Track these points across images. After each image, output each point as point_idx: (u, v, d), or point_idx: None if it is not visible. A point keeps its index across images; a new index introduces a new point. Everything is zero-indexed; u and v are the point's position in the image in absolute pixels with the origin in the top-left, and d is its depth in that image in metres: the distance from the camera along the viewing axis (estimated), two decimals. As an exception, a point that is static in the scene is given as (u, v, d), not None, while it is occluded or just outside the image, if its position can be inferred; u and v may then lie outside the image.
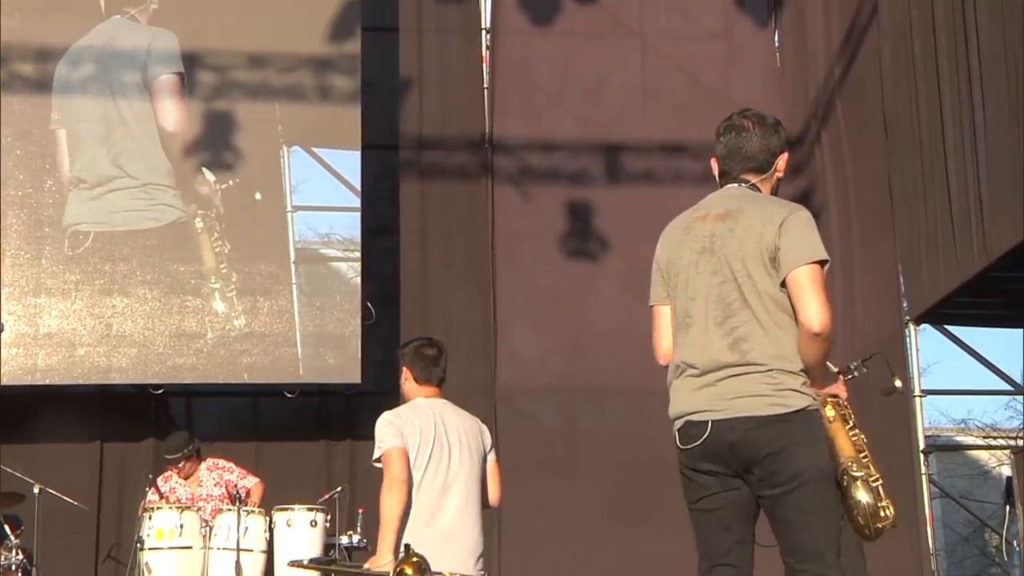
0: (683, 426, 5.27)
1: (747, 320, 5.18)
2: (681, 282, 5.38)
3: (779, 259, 5.15)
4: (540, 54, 14.73)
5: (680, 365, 5.34)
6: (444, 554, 6.86)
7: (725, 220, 5.35)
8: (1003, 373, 13.92)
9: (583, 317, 13.71)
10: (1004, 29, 10.79)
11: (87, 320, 12.78)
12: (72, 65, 13.06)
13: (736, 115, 5.73)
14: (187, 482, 11.27)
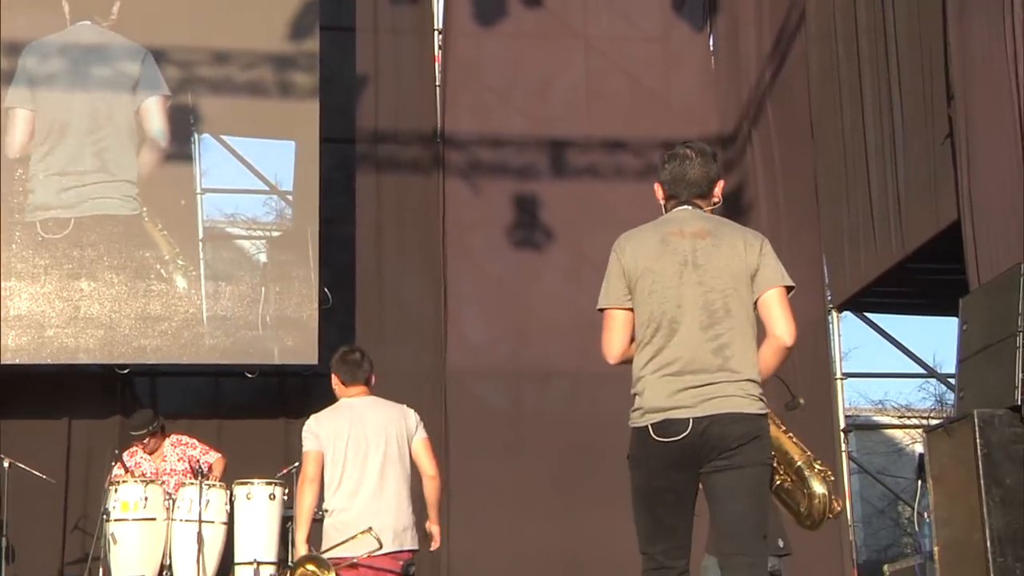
0: (661, 421, 5.35)
1: (729, 328, 5.40)
2: (661, 289, 5.49)
3: (758, 278, 5.49)
4: (489, 54, 14.77)
5: (661, 364, 5.42)
6: (379, 529, 7.47)
7: (707, 237, 5.56)
8: (917, 358, 14.02)
9: (529, 304, 13.75)
10: (920, 37, 10.88)
11: (55, 303, 12.72)
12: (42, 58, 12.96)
13: (680, 145, 5.98)
14: (152, 457, 11.15)
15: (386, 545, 7.53)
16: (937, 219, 10.56)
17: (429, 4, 14.86)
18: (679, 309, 5.45)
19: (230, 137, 13.34)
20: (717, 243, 5.55)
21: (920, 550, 10.80)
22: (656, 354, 5.46)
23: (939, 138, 10.50)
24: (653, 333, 5.46)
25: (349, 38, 14.40)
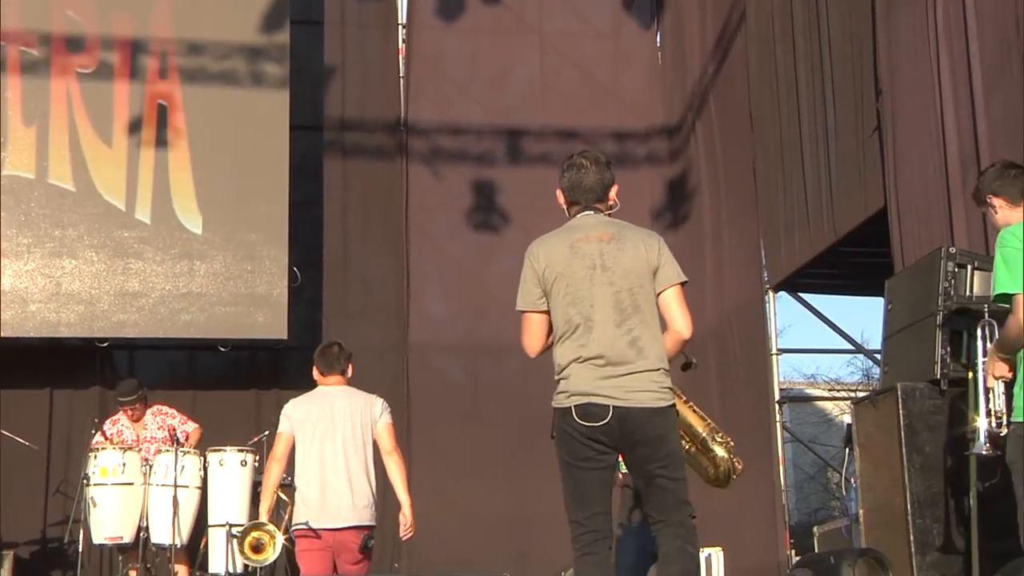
0: (585, 404, 5.68)
1: (639, 323, 5.75)
2: (574, 292, 5.79)
3: (658, 275, 5.84)
4: (450, 48, 14.77)
5: (582, 356, 5.74)
6: (328, 508, 7.95)
7: (611, 241, 5.88)
8: (846, 335, 14.13)
9: (486, 283, 13.76)
10: (851, 37, 10.94)
11: (38, 279, 12.70)
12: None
13: (576, 155, 6.28)
14: (134, 425, 11.11)
15: (346, 520, 7.95)
16: (866, 206, 10.65)
17: (393, 0, 14.85)
18: (592, 308, 5.77)
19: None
20: (621, 246, 5.87)
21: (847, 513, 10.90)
22: (579, 348, 5.77)
23: (868, 131, 10.59)
24: (572, 330, 5.78)
25: (317, 31, 14.37)
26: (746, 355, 12.84)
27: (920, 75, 9.59)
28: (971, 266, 7.29)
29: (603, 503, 5.89)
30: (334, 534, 7.99)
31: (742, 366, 12.97)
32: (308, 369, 12.98)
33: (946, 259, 7.31)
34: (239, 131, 13.14)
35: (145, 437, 10.97)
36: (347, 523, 7.99)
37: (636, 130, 14.78)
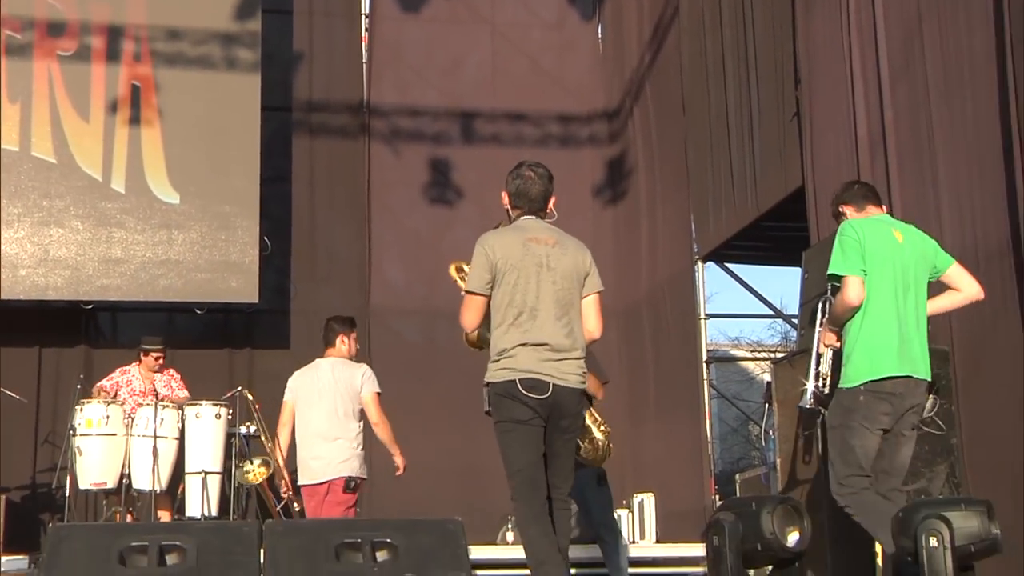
0: (527, 379, 6.08)
1: (574, 318, 6.25)
2: (523, 284, 6.16)
3: (587, 282, 6.32)
4: (409, 36, 14.71)
5: (528, 340, 6.12)
6: (313, 468, 8.70)
7: (556, 246, 6.29)
8: (767, 301, 14.30)
9: (442, 252, 13.68)
10: (773, 31, 11.01)
11: (28, 246, 12.63)
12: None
13: (525, 166, 6.55)
14: (144, 375, 11.14)
15: (327, 475, 8.60)
16: (785, 184, 10.74)
17: (357, -12, 14.86)
18: (538, 300, 6.16)
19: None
20: (564, 251, 6.30)
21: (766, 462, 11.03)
22: (523, 334, 6.13)
23: (787, 116, 10.68)
24: (517, 316, 6.14)
25: (287, 19, 14.30)
26: (677, 319, 12.94)
27: (834, 66, 9.70)
28: None
29: (538, 457, 6.22)
30: (319, 488, 8.64)
31: (673, 329, 13.08)
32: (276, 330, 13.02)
33: None
34: (214, 111, 13.06)
35: (151, 390, 10.94)
36: (328, 477, 8.60)
37: (579, 114, 14.81)
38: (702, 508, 11.47)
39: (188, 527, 7.72)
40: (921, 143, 8.56)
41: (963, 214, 8.06)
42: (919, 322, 6.44)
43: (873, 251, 6.37)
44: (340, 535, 5.80)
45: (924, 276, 6.50)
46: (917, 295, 6.44)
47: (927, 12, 8.52)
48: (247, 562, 5.55)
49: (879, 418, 6.29)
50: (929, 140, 8.45)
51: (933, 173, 8.40)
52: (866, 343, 6.36)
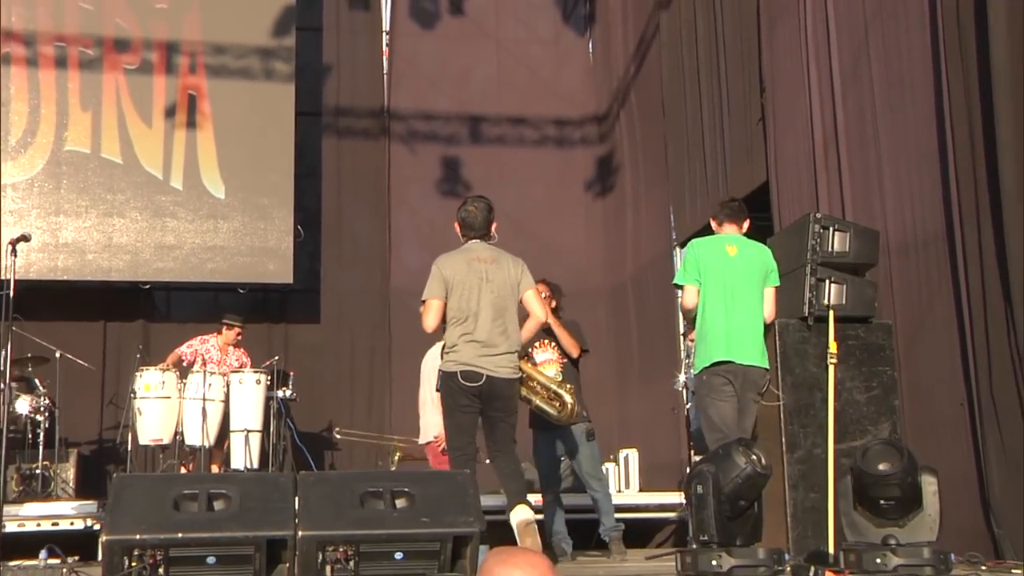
0: (466, 370, 6.85)
1: (508, 320, 6.98)
2: (467, 294, 6.92)
3: (520, 286, 7.07)
4: (424, 50, 14.69)
5: (470, 339, 6.89)
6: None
7: (492, 263, 7.04)
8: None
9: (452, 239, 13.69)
10: (741, 46, 10.96)
11: (94, 234, 12.69)
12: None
13: (469, 201, 7.36)
14: (223, 347, 11.22)
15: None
16: (752, 180, 10.71)
17: (379, 10, 14.74)
18: (479, 306, 6.91)
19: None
20: (498, 267, 7.03)
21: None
22: (467, 332, 6.90)
23: (754, 120, 10.65)
24: (463, 320, 6.91)
25: (318, 36, 14.30)
26: (658, 297, 12.94)
27: (793, 77, 9.69)
28: (832, 228, 7.31)
29: (472, 435, 7.00)
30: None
31: (655, 306, 13.09)
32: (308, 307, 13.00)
33: (813, 222, 7.33)
34: (255, 116, 13.09)
35: (225, 362, 11.08)
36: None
37: (572, 118, 14.79)
38: (679, 460, 11.48)
39: (233, 477, 7.77)
40: (868, 143, 8.59)
41: (904, 204, 8.09)
42: (750, 319, 7.06)
43: (707, 265, 7.16)
44: (364, 485, 5.77)
45: (756, 282, 7.14)
46: (749, 297, 7.10)
47: (872, 30, 8.54)
48: (284, 508, 5.56)
49: (722, 389, 6.98)
50: (875, 140, 8.47)
51: (878, 169, 8.42)
52: (702, 337, 7.12)
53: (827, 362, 7.00)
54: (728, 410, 6.98)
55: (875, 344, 7.15)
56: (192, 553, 5.35)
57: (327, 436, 12.89)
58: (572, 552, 8.55)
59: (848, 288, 7.21)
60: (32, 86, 12.83)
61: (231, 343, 11.26)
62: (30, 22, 12.92)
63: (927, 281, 7.72)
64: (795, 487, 6.79)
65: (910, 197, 8.02)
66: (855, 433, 6.71)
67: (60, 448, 11.23)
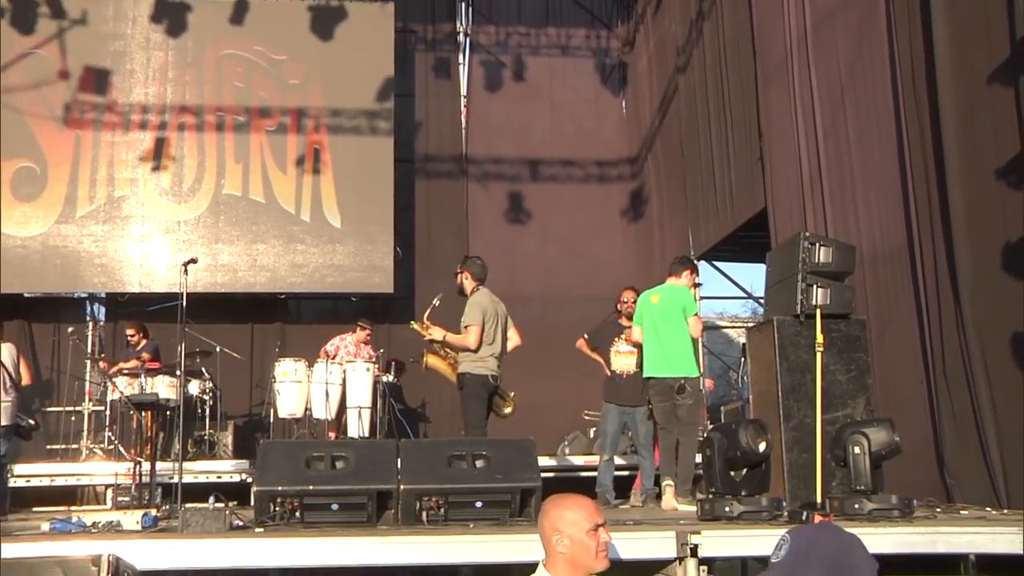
0: (493, 374, 7.82)
1: (505, 340, 8.01)
2: (493, 324, 7.84)
3: (508, 319, 8.06)
4: (493, 109, 14.72)
5: (493, 353, 7.81)
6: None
7: (499, 303, 8.05)
8: (742, 287, 14.25)
9: (516, 255, 13.76)
10: (743, 100, 10.93)
11: (243, 257, 12.86)
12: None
13: (471, 261, 8.20)
14: (357, 344, 11.29)
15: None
16: (753, 206, 10.70)
17: (457, 79, 14.79)
18: (497, 332, 7.87)
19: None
20: (500, 305, 8.01)
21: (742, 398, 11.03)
22: (491, 348, 7.81)
23: (754, 159, 10.63)
24: (491, 340, 7.81)
25: (411, 100, 14.37)
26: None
27: (785, 125, 9.64)
28: (819, 244, 7.18)
29: (487, 417, 7.81)
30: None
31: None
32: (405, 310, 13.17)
33: (803, 239, 7.19)
34: (363, 163, 13.17)
35: (358, 355, 11.13)
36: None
37: (610, 159, 14.76)
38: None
39: (349, 444, 7.91)
40: (845, 176, 8.54)
41: (873, 225, 8.05)
42: (666, 345, 7.80)
43: (641, 311, 8.10)
44: (450, 449, 5.82)
45: (673, 317, 7.82)
46: (668, 330, 7.82)
47: (846, 89, 8.49)
48: (389, 467, 5.62)
49: (655, 396, 7.90)
50: (850, 174, 8.42)
51: (853, 196, 8.38)
52: (643, 360, 8.00)
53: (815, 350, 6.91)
54: (661, 409, 7.87)
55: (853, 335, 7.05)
56: (320, 501, 5.44)
57: (421, 411, 12.97)
58: (614, 502, 8.56)
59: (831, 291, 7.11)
60: (199, 145, 13.08)
61: (362, 341, 11.33)
62: (199, 98, 13.19)
63: (893, 285, 7.68)
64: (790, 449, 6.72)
65: (879, 219, 7.97)
66: (837, 406, 6.62)
67: (221, 420, 11.45)
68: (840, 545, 2.59)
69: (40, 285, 12.77)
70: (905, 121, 7.46)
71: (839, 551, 2.56)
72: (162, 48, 13.23)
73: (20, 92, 12.74)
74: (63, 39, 12.96)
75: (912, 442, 6.35)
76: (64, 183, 12.75)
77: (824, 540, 2.59)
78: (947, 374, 6.89)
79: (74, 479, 10.37)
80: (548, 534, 3.37)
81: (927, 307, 7.17)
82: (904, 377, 7.43)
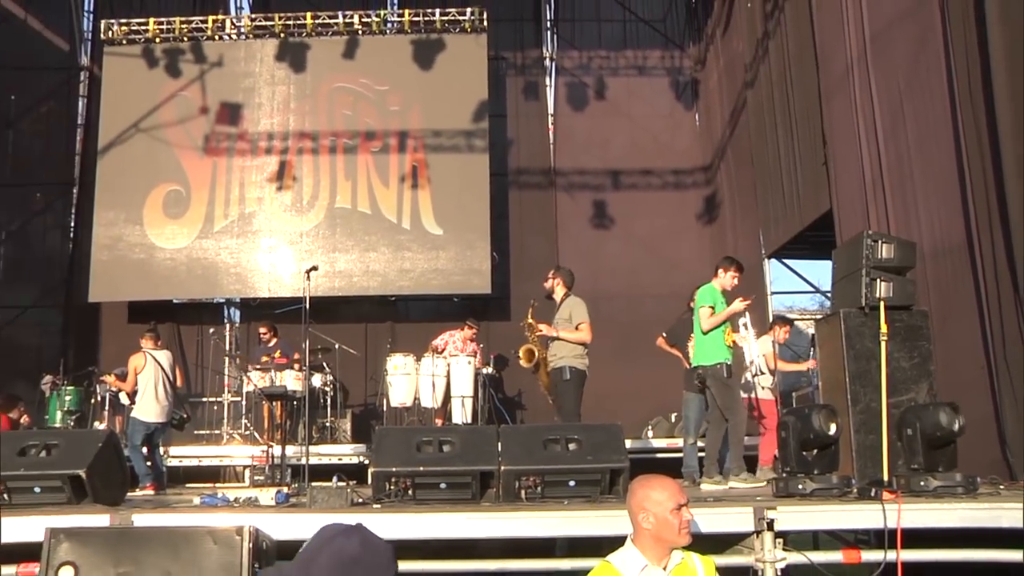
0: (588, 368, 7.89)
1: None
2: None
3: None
4: (578, 126, 14.69)
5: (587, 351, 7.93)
6: None
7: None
8: (810, 282, 14.03)
9: (600, 257, 13.72)
10: (807, 108, 10.80)
11: (357, 263, 13.08)
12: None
13: (566, 270, 8.38)
14: (463, 341, 11.28)
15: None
16: (819, 208, 10.53)
17: (545, 100, 14.82)
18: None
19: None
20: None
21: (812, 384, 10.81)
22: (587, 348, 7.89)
23: (819, 163, 10.45)
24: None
25: (503, 120, 14.45)
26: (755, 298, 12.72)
27: (848, 133, 9.45)
28: (881, 241, 7.09)
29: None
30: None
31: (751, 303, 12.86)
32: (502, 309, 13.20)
33: (866, 237, 7.11)
34: (461, 178, 13.27)
35: (465, 350, 11.14)
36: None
37: (685, 168, 14.61)
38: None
39: (455, 429, 7.93)
40: (905, 179, 8.34)
41: (934, 223, 7.86)
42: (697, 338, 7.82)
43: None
44: (546, 434, 5.83)
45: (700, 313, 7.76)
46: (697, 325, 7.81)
47: (906, 98, 8.31)
48: (490, 450, 5.66)
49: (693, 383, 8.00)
50: (910, 176, 8.23)
51: (914, 198, 8.18)
52: None
53: (880, 339, 6.78)
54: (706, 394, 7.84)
55: (915, 325, 6.89)
56: (430, 480, 5.51)
57: (517, 400, 13.02)
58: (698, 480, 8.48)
59: (894, 285, 6.96)
60: (316, 166, 13.39)
61: (469, 338, 11.35)
62: (315, 125, 13.50)
63: (953, 278, 7.48)
64: (858, 431, 6.59)
65: (938, 217, 7.79)
66: (902, 391, 6.47)
67: (340, 409, 11.68)
68: (362, 549, 2.30)
69: (185, 292, 13.26)
70: (962, 126, 7.26)
71: (358, 554, 2.28)
72: (284, 83, 13.59)
73: (169, 127, 13.32)
74: (203, 80, 13.48)
75: (975, 424, 6.16)
76: (204, 203, 13.21)
77: (343, 541, 2.31)
78: (1008, 359, 6.69)
79: (217, 460, 10.72)
80: (635, 512, 3.37)
81: (987, 298, 6.97)
82: (966, 363, 7.21)
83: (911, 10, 8.09)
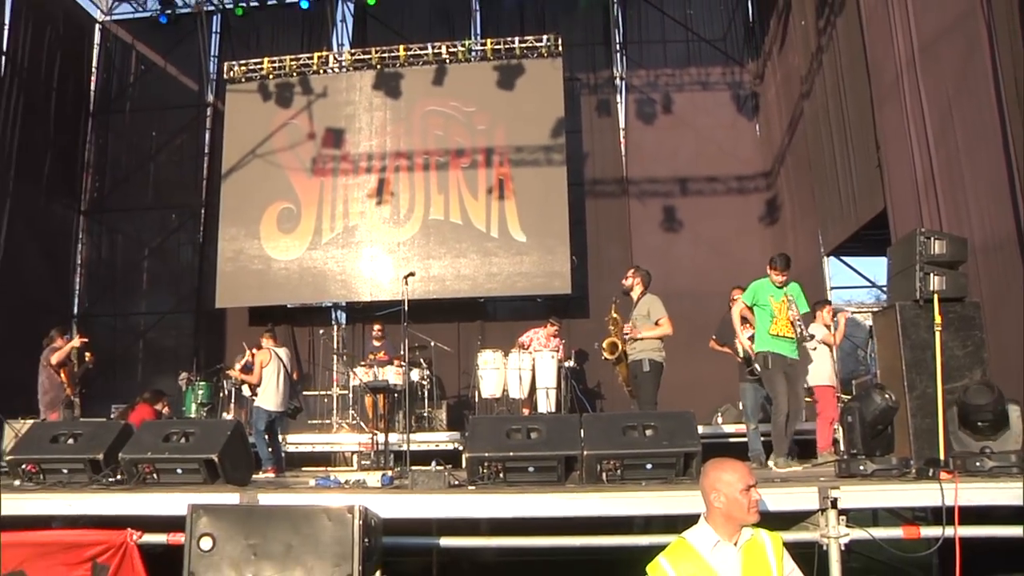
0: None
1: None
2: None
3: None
4: (647, 138, 14.59)
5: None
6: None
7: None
8: (867, 278, 13.65)
9: (671, 258, 13.61)
10: (860, 117, 10.54)
11: (448, 269, 13.22)
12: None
13: (644, 269, 8.34)
14: (545, 336, 11.21)
15: None
16: (874, 208, 10.31)
17: (616, 116, 14.74)
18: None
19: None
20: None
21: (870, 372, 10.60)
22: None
23: (873, 167, 10.23)
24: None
25: (579, 135, 14.42)
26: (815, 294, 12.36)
27: (899, 137, 9.22)
28: (933, 237, 6.94)
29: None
30: None
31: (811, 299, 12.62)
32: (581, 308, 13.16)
33: (920, 234, 6.98)
34: (542, 189, 13.31)
35: (548, 345, 11.09)
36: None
37: (747, 174, 14.39)
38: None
39: (540, 418, 7.94)
40: (955, 179, 8.11)
41: (984, 220, 7.62)
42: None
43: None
44: (625, 421, 5.82)
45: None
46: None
47: (954, 104, 8.06)
48: (574, 436, 5.68)
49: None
50: (960, 176, 8.00)
51: (964, 197, 7.94)
52: None
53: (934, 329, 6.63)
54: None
55: (968, 316, 6.70)
56: (519, 465, 5.56)
57: (596, 391, 13.00)
58: (764, 461, 8.38)
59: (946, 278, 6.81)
60: (411, 182, 13.58)
61: (552, 334, 11.37)
62: (409, 145, 13.69)
63: (1003, 271, 7.25)
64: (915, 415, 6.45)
65: (989, 215, 7.55)
66: (956, 377, 6.31)
67: (436, 400, 11.82)
68: None
69: (298, 297, 13.61)
70: (1010, 129, 7.04)
71: None
72: (381, 109, 13.85)
73: (281, 152, 13.72)
74: (310, 109, 13.84)
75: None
76: (313, 218, 13.56)
77: None
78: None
79: (328, 447, 10.97)
80: (707, 492, 3.40)
81: (1036, 290, 6.72)
82: (1015, 352, 6.98)
83: (958, 22, 7.86)
